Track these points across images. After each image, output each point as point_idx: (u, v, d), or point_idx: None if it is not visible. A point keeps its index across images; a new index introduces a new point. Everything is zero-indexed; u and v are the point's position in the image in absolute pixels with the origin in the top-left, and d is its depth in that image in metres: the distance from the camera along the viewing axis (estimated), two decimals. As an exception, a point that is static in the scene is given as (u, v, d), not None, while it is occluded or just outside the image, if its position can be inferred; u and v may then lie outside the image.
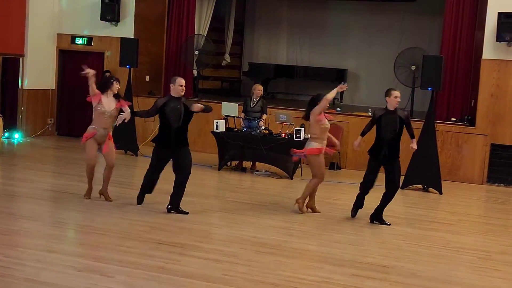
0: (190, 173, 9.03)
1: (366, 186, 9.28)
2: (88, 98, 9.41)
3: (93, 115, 9.46)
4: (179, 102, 8.89)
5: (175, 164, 9.00)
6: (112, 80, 9.51)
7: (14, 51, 15.25)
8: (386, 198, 9.19)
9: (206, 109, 9.02)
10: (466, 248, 8.25)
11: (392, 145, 9.05)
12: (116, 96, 9.47)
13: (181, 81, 8.92)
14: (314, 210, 9.67)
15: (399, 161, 9.13)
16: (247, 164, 13.06)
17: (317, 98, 9.40)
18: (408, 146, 12.94)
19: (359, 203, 9.45)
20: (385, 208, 9.44)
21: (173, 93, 8.92)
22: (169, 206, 9.05)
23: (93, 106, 9.39)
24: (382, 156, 9.06)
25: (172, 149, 8.94)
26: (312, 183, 9.52)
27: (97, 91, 9.34)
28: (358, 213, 9.54)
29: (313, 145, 9.38)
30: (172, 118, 8.83)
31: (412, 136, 9.38)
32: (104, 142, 9.42)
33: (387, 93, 9.12)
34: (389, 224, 9.17)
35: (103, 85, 9.46)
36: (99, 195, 9.57)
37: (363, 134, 9.25)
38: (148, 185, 9.30)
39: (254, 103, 12.69)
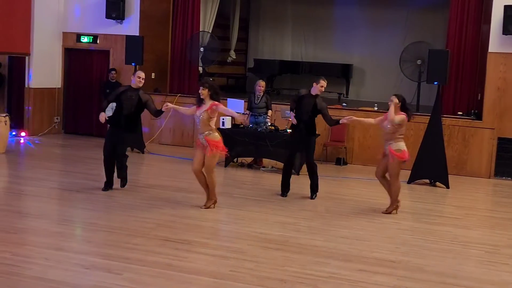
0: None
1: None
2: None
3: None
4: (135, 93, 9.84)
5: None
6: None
7: (20, 50, 15.28)
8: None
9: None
10: (473, 242, 8.23)
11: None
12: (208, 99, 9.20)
13: (140, 73, 9.98)
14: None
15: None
16: (248, 159, 13.00)
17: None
18: (415, 140, 13.06)
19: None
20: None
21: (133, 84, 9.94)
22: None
23: None
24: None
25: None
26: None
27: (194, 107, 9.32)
28: (364, 207, 9.58)
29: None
30: (125, 106, 9.78)
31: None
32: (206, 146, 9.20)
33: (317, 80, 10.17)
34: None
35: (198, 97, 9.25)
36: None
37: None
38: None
39: (259, 100, 12.67)
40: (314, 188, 10.21)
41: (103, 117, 9.73)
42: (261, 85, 12.68)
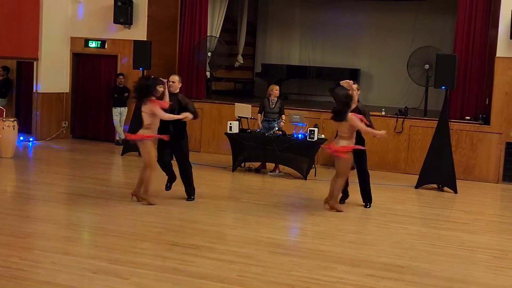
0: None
1: None
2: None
3: (150, 119, 9.35)
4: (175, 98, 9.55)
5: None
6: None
7: (28, 55, 15.34)
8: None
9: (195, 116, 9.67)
10: (481, 248, 8.20)
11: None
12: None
13: (170, 77, 9.71)
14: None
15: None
16: (255, 164, 12.98)
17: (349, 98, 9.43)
18: (422, 145, 13.06)
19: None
20: (400, 208, 9.89)
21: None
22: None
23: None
24: None
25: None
26: (340, 183, 9.58)
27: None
28: (372, 212, 9.61)
29: (343, 143, 9.40)
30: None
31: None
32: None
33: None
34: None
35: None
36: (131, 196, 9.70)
37: None
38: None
39: (273, 105, 12.66)
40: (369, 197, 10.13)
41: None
42: (276, 89, 12.69)
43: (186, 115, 9.40)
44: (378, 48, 18.24)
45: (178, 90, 9.68)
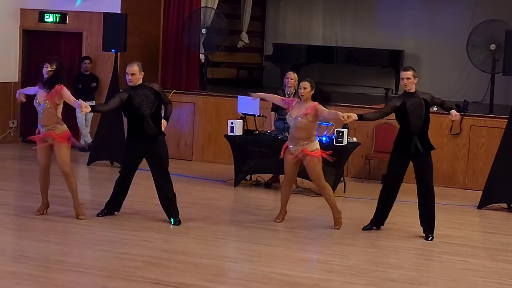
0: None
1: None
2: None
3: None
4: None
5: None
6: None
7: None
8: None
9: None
10: None
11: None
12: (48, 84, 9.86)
13: (128, 68, 10.12)
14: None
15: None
16: (265, 177, 12.97)
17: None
18: (487, 151, 13.00)
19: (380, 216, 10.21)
20: (457, 234, 9.82)
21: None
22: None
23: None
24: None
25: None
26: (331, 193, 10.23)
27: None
28: (419, 240, 9.64)
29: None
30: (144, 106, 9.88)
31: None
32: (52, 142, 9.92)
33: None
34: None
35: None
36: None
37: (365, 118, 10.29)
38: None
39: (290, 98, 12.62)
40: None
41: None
42: (292, 77, 12.65)
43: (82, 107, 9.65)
44: (428, 23, 18.23)
45: (140, 82, 10.08)
